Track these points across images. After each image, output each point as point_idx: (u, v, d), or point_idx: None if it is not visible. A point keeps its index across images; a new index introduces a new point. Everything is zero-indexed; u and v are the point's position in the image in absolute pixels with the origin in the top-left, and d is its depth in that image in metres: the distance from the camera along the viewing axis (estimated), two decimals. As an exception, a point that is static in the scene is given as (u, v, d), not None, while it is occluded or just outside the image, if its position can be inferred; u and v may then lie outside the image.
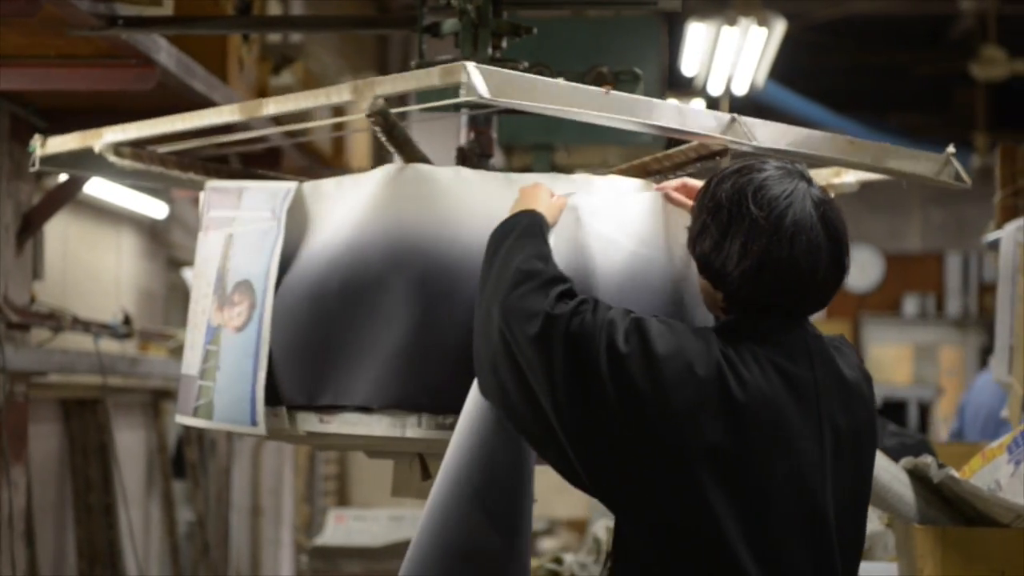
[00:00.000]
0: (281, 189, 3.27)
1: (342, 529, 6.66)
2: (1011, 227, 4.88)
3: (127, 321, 6.00)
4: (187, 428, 6.53)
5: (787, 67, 10.46)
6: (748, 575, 2.59)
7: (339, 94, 3.08)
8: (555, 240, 2.91)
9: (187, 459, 7.01)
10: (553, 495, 7.18)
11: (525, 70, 3.60)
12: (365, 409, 3.07)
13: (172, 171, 3.44)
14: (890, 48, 13.22)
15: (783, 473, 2.63)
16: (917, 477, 3.64)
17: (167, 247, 7.16)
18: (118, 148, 3.36)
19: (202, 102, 4.58)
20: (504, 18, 3.67)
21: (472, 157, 3.58)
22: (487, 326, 2.77)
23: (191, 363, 3.32)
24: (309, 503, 8.20)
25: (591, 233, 3.02)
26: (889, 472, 3.65)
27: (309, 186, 3.25)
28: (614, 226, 3.04)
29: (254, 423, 3.18)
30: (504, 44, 3.69)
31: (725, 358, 2.63)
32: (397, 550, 6.41)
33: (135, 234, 6.86)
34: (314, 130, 5.89)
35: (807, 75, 11.41)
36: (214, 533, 7.06)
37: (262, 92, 5.44)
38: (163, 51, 4.24)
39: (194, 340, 3.32)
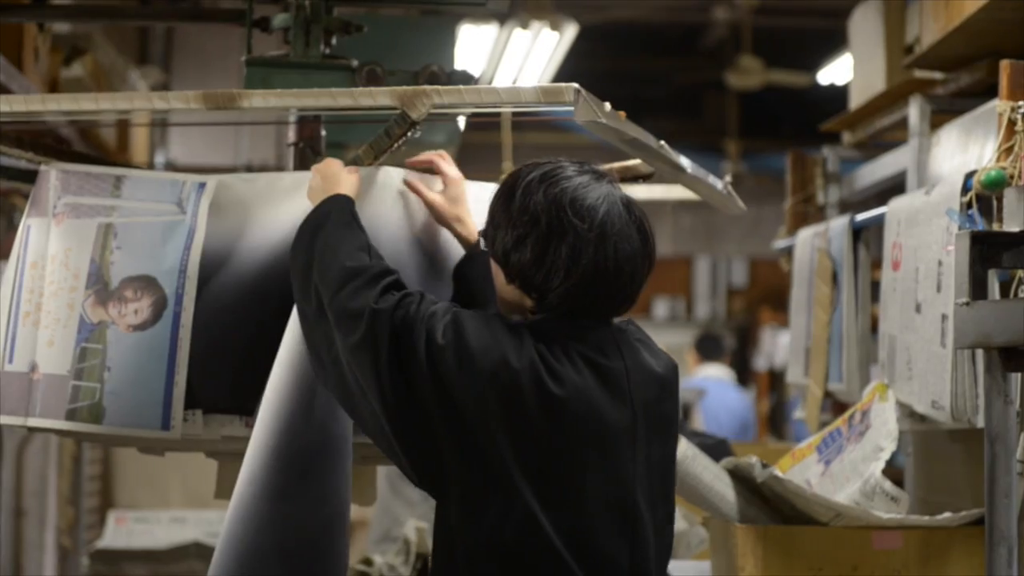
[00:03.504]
0: (186, 181, 3.16)
1: (123, 531, 6.49)
2: (807, 232, 5.03)
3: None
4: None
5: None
6: (566, 565, 2.63)
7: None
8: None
9: (-49, 460, 6.77)
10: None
11: (357, 69, 3.59)
12: None
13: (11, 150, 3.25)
14: (646, 55, 13.44)
15: (597, 465, 2.67)
16: (738, 476, 3.72)
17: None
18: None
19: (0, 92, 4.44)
20: (335, 15, 3.64)
21: (307, 153, 3.53)
22: (321, 324, 2.78)
23: (52, 361, 3.12)
24: (73, 505, 7.98)
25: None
26: (711, 471, 3.72)
27: (229, 180, 3.18)
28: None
29: (167, 427, 3.08)
30: (333, 42, 3.66)
31: (538, 353, 2.65)
32: (182, 552, 6.30)
33: None
34: (102, 122, 5.77)
35: (563, 79, 11.50)
36: (-19, 537, 6.83)
37: (54, 83, 5.31)
38: (-36, 39, 4.10)
39: (54, 336, 3.13)
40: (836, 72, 10.80)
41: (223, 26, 3.87)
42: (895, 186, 4.84)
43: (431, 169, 3.16)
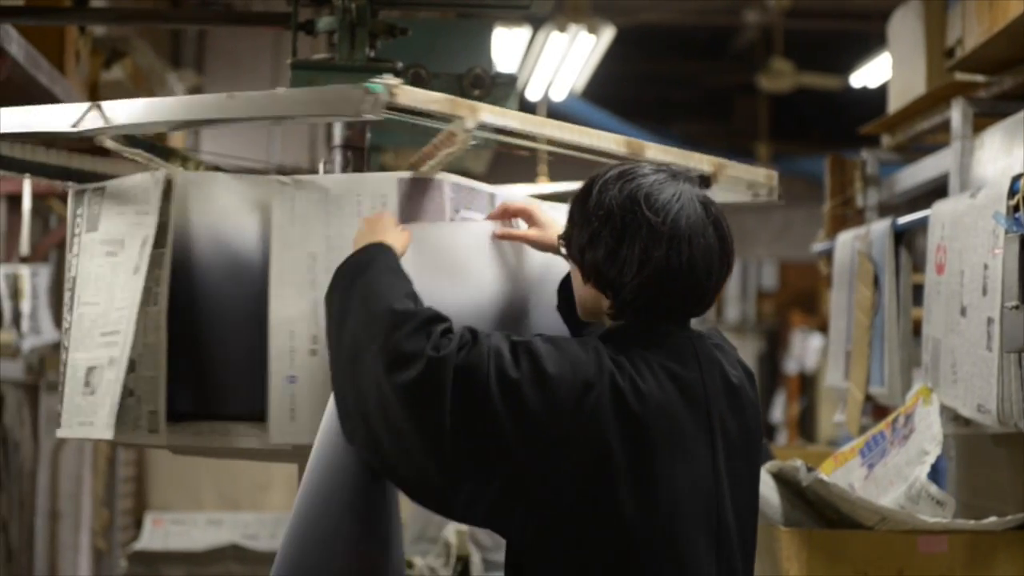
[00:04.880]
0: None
1: (160, 533, 6.53)
2: (847, 235, 5.02)
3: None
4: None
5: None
6: None
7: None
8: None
9: (-10, 462, 6.79)
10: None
11: (401, 72, 3.59)
12: None
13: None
14: (676, 58, 13.43)
15: (684, 479, 2.61)
16: (782, 480, 3.71)
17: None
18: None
19: (44, 96, 4.47)
20: (379, 18, 3.65)
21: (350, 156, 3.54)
22: (357, 374, 2.67)
23: None
24: (108, 507, 8.01)
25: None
26: (755, 475, 3.71)
27: None
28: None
29: None
30: (378, 45, 3.67)
31: (618, 367, 2.59)
32: (219, 554, 6.33)
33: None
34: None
35: (595, 82, 11.52)
36: (18, 539, 6.84)
37: (94, 86, 5.33)
38: (14, 42, 4.11)
39: None
40: (868, 75, 10.78)
41: (254, 28, 3.88)
42: (934, 190, 4.83)
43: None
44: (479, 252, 3.07)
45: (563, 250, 2.80)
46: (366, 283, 2.74)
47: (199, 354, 3.08)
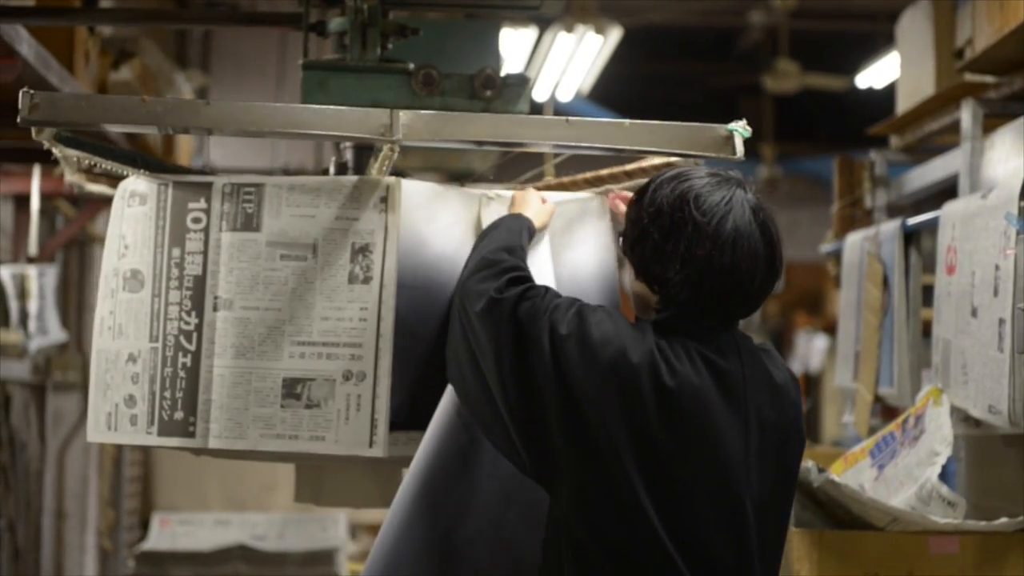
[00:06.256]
0: None
1: (168, 533, 6.51)
2: (856, 236, 5.02)
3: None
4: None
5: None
6: (672, 560, 2.64)
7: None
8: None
9: (-4, 462, 6.80)
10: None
11: (412, 72, 3.58)
12: None
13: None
14: (681, 58, 13.42)
15: (707, 463, 2.68)
16: (793, 481, 3.71)
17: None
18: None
19: (54, 95, 4.45)
20: (390, 19, 3.64)
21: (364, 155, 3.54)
22: (454, 311, 2.93)
23: None
24: (114, 507, 8.02)
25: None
26: (766, 476, 3.71)
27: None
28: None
29: None
30: (389, 45, 3.66)
31: (658, 348, 2.69)
32: (227, 554, 6.33)
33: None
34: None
35: (601, 83, 11.51)
36: (24, 538, 6.85)
37: (102, 86, 5.33)
38: (24, 43, 4.10)
39: None
40: (874, 76, 10.77)
41: (259, 29, 3.87)
42: (942, 191, 4.83)
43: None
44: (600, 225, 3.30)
45: (621, 245, 2.92)
46: (484, 240, 3.03)
47: (415, 364, 3.07)
